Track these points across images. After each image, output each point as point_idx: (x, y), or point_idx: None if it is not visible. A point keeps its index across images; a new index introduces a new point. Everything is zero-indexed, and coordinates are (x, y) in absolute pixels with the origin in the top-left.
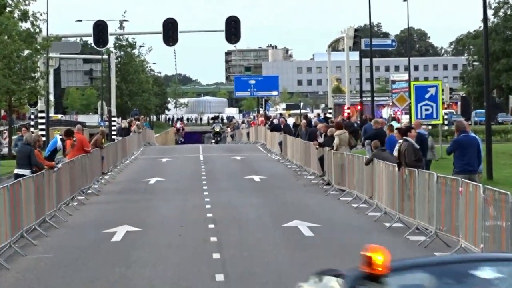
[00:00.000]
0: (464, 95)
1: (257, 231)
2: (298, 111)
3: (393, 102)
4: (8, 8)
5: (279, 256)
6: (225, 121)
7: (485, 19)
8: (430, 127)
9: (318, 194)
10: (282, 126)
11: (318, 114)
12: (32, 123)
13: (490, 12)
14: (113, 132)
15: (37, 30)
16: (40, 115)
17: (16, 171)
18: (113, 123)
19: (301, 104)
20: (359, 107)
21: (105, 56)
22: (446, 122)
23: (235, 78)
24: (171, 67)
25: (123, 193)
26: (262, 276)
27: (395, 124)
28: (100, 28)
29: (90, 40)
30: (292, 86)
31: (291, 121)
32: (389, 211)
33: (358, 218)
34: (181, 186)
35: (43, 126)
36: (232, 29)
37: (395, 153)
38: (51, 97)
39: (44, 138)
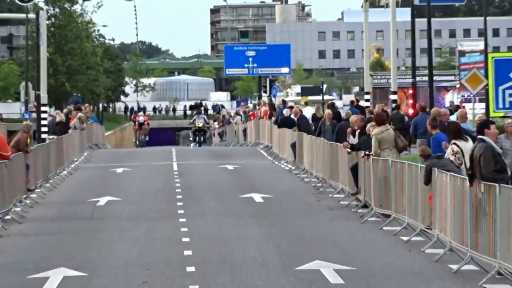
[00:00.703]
0: None
1: (258, 276)
2: (319, 97)
3: (461, 83)
4: None
5: None
6: (211, 111)
7: None
8: None
9: (349, 222)
10: (296, 119)
11: (352, 102)
12: None
13: None
14: (44, 129)
15: None
16: None
17: None
18: (43, 115)
19: (324, 86)
20: (411, 91)
21: (31, 15)
22: None
23: (225, 48)
24: (130, 32)
25: (58, 220)
26: None
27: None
28: None
29: None
30: (310, 60)
31: (309, 112)
32: (456, 247)
33: (410, 258)
34: (145, 209)
35: None
36: None
37: (450, 157)
38: None
39: None
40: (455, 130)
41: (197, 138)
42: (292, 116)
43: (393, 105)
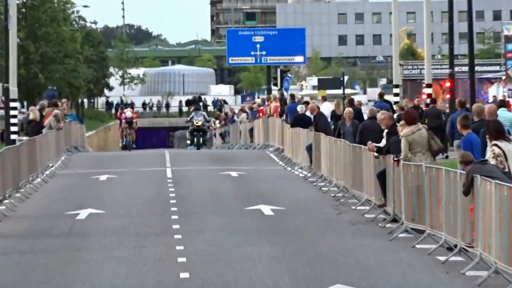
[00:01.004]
0: None
1: None
2: (339, 91)
3: (508, 74)
4: None
5: None
6: (211, 108)
7: None
8: None
9: (376, 239)
10: (312, 117)
11: (381, 95)
12: None
13: None
14: (13, 128)
15: None
16: None
17: None
18: (12, 112)
19: (345, 78)
20: (448, 84)
21: None
22: None
23: (228, 32)
24: (116, 13)
25: (31, 236)
26: None
27: (502, 114)
28: None
29: None
30: (329, 47)
31: (327, 108)
32: (503, 268)
33: (448, 281)
34: (134, 224)
35: None
36: None
37: (491, 160)
38: None
39: None
40: (495, 129)
41: (195, 139)
42: (308, 113)
43: (428, 100)
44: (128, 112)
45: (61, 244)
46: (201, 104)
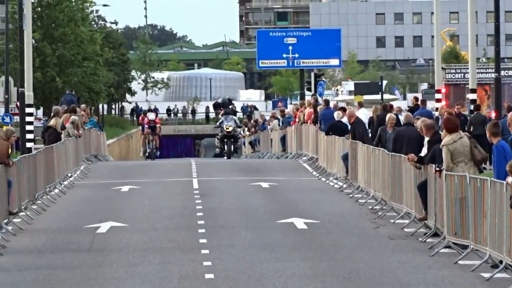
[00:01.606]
0: None
1: None
2: (377, 97)
3: None
4: None
5: None
6: (240, 115)
7: None
8: None
9: (416, 254)
10: (349, 124)
11: (423, 102)
12: None
13: None
14: (29, 136)
15: None
16: None
17: None
18: (28, 119)
19: (384, 83)
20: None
21: None
22: None
23: (258, 33)
24: (138, 13)
25: (48, 251)
26: None
27: None
28: None
29: None
30: (366, 49)
31: (364, 115)
32: None
33: None
34: (158, 238)
35: None
36: None
37: None
38: None
39: None
40: None
41: (225, 147)
42: (344, 120)
43: (471, 106)
44: (151, 115)
45: (81, 259)
46: (230, 107)
